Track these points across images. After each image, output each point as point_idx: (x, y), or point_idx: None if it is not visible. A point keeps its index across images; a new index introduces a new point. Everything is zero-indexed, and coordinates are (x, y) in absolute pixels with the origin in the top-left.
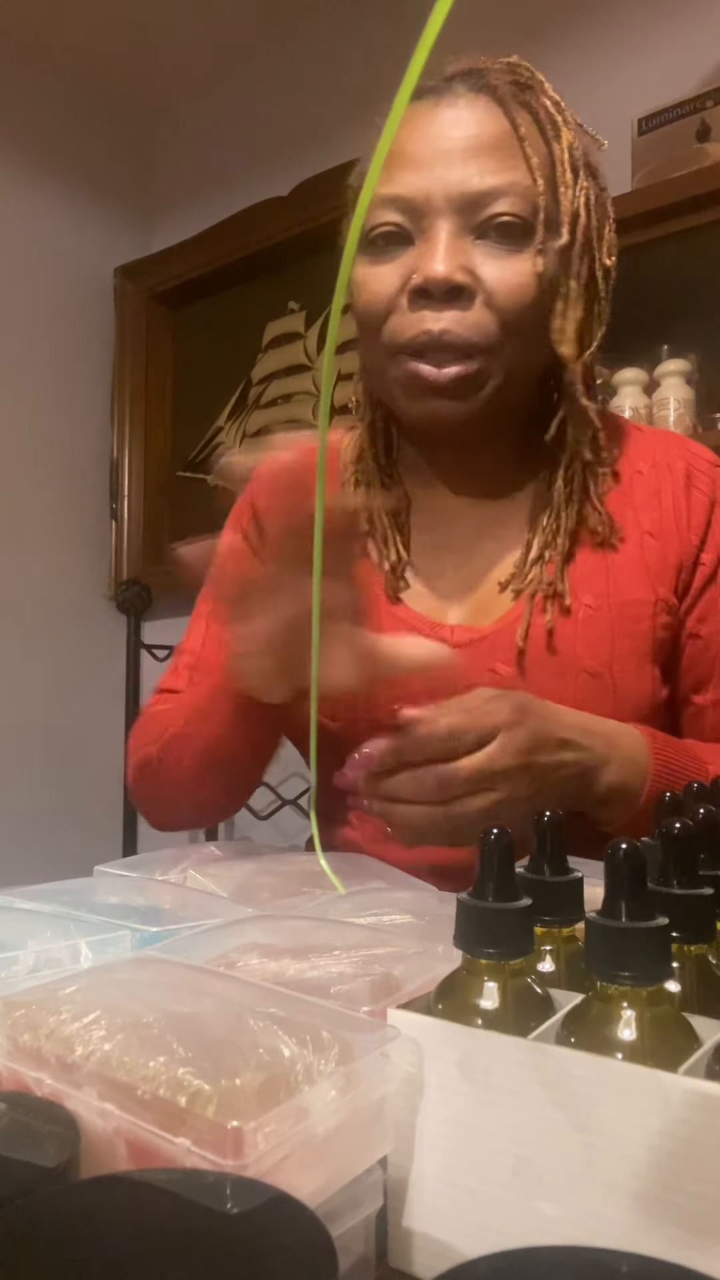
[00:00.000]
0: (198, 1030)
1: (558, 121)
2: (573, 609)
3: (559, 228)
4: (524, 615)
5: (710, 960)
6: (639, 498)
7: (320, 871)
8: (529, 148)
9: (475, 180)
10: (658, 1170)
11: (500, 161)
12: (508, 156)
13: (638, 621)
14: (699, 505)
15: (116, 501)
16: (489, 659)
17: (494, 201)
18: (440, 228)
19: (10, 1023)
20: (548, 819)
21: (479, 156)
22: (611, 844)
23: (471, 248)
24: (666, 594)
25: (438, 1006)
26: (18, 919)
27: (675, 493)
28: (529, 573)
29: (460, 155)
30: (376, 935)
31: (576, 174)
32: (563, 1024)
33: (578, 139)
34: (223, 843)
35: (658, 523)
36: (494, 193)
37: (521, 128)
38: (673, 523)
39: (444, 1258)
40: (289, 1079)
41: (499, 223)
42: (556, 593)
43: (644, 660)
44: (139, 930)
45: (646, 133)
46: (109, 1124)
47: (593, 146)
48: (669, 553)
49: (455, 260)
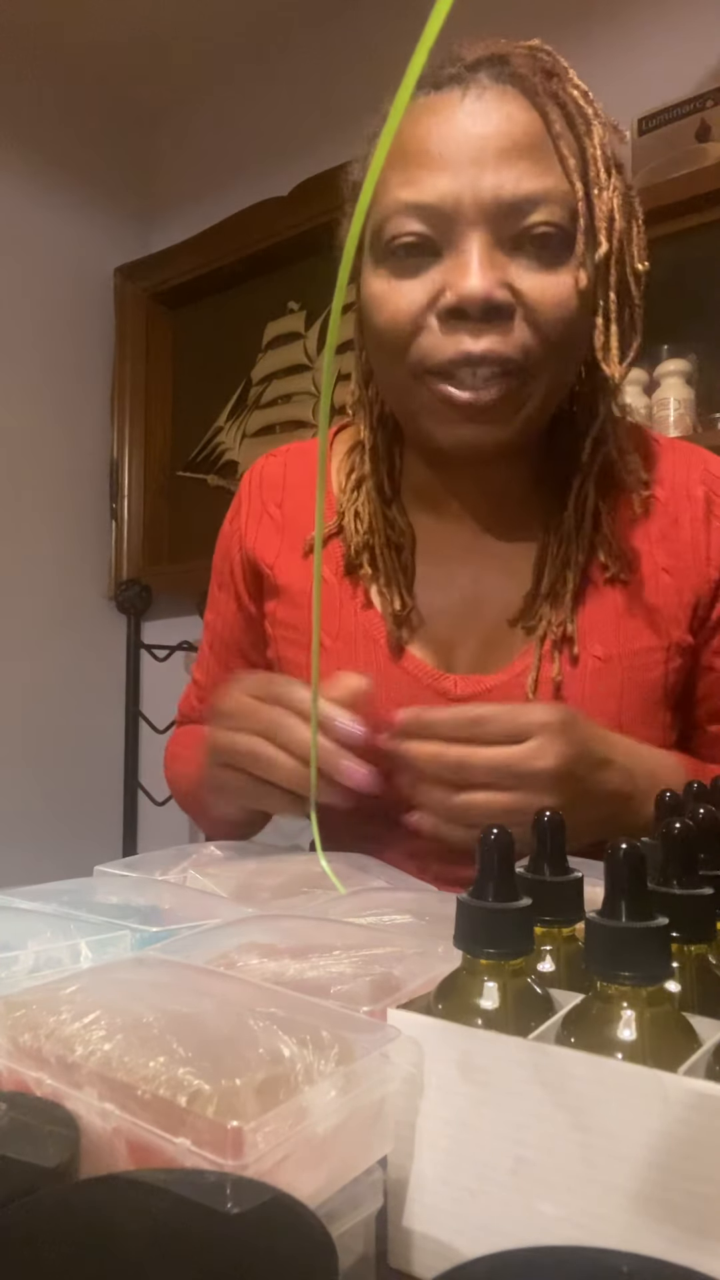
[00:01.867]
0: (198, 1030)
1: (588, 114)
2: (581, 659)
3: (598, 235)
4: (532, 665)
5: (710, 960)
6: (655, 529)
7: (320, 871)
8: (564, 147)
9: (510, 186)
10: (658, 1170)
11: (536, 163)
12: (543, 157)
13: (648, 670)
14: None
15: (116, 501)
16: None
17: (532, 210)
18: (472, 239)
19: (10, 1023)
20: (548, 819)
21: (513, 159)
22: (611, 844)
23: (508, 261)
24: (680, 635)
25: (438, 1006)
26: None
27: (695, 523)
28: (539, 610)
29: (492, 157)
30: (376, 935)
31: (610, 173)
32: (563, 1024)
33: (608, 134)
34: (223, 843)
35: (675, 557)
36: (532, 199)
37: (555, 124)
38: (690, 557)
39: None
40: (289, 1079)
41: (538, 233)
42: (566, 637)
43: (655, 709)
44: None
45: (646, 133)
46: (109, 1124)
47: (617, 139)
48: (685, 589)
49: (493, 275)
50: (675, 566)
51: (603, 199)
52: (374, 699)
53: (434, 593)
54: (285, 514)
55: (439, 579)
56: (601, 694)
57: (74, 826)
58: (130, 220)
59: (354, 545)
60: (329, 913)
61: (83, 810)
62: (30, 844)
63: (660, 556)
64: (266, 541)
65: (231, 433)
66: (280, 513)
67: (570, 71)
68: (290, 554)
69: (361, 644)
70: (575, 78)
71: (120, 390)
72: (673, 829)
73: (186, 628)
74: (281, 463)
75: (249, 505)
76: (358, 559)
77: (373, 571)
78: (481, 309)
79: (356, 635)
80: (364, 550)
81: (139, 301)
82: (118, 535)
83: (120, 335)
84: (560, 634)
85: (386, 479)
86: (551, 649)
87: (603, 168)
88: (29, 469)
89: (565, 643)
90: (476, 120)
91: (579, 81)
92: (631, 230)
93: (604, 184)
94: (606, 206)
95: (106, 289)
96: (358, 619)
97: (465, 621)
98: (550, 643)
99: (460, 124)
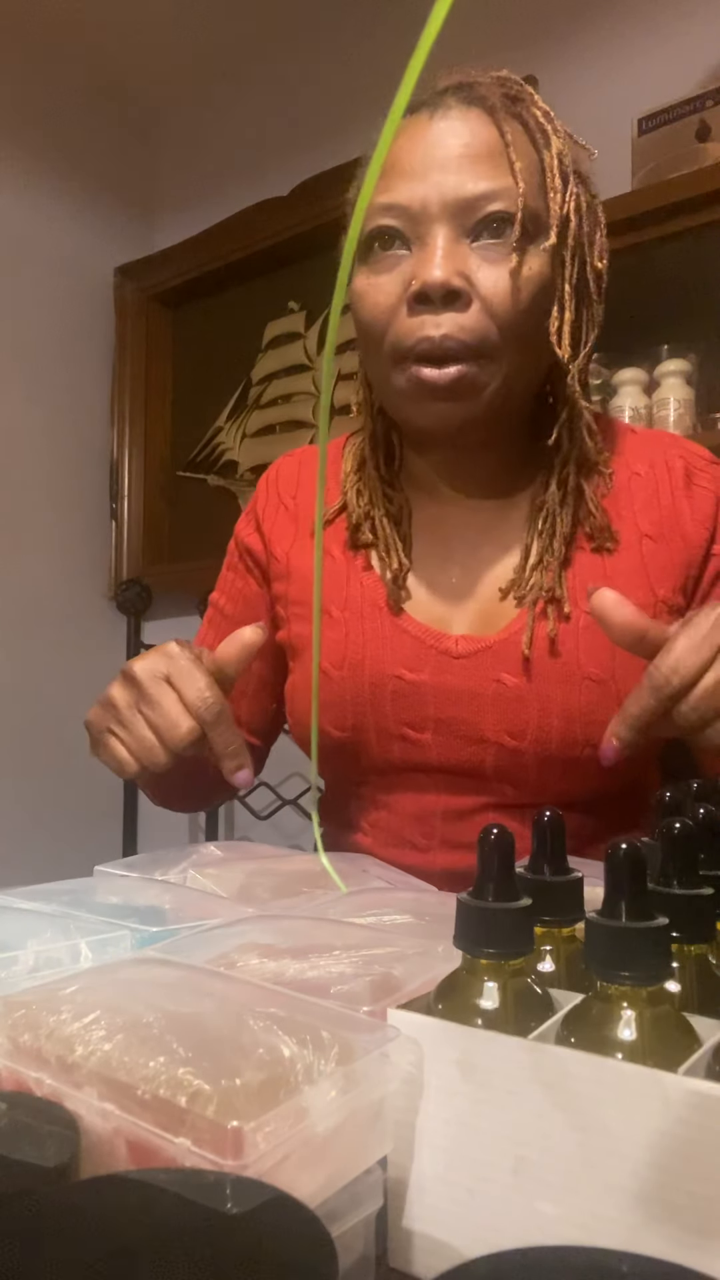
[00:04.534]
0: (198, 1030)
1: (547, 130)
2: (573, 616)
3: (548, 230)
4: (527, 624)
5: (710, 960)
6: (638, 500)
7: (320, 871)
8: (514, 153)
9: (469, 185)
10: (658, 1170)
11: (493, 167)
12: (500, 163)
13: None
14: (704, 500)
15: (116, 501)
16: (494, 669)
17: (487, 204)
18: (437, 233)
19: (10, 1023)
20: (548, 819)
21: (473, 164)
22: (611, 844)
23: (468, 252)
24: (669, 594)
25: (438, 1006)
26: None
27: (675, 492)
28: (529, 578)
29: (455, 163)
30: (376, 935)
31: (566, 180)
32: (563, 1024)
33: (567, 147)
34: (223, 843)
35: (657, 524)
36: (487, 196)
37: (509, 135)
38: (674, 522)
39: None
40: (289, 1079)
41: (493, 225)
42: (555, 598)
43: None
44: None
45: (646, 133)
46: (109, 1124)
47: (583, 155)
48: (672, 552)
49: (451, 265)
50: (659, 533)
51: (556, 200)
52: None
53: (432, 567)
54: (298, 504)
55: (437, 554)
56: (594, 646)
57: (74, 826)
58: (130, 220)
59: (355, 517)
60: (329, 913)
61: (83, 810)
62: (30, 844)
63: (644, 524)
64: (282, 529)
65: (231, 433)
66: (294, 503)
67: (536, 97)
68: (303, 539)
69: (366, 611)
70: (540, 101)
71: (120, 390)
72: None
73: (186, 628)
74: (297, 461)
75: (266, 496)
76: (359, 530)
77: (372, 538)
78: (440, 294)
79: (362, 603)
80: (364, 520)
81: (139, 301)
82: (118, 535)
83: (120, 335)
84: (550, 596)
85: (384, 462)
86: (544, 609)
87: (558, 174)
88: (29, 469)
89: (555, 604)
90: (443, 134)
91: (543, 105)
92: (594, 233)
93: (558, 188)
94: (561, 207)
95: (106, 289)
96: (361, 587)
97: (462, 592)
98: (542, 604)
99: (427, 138)
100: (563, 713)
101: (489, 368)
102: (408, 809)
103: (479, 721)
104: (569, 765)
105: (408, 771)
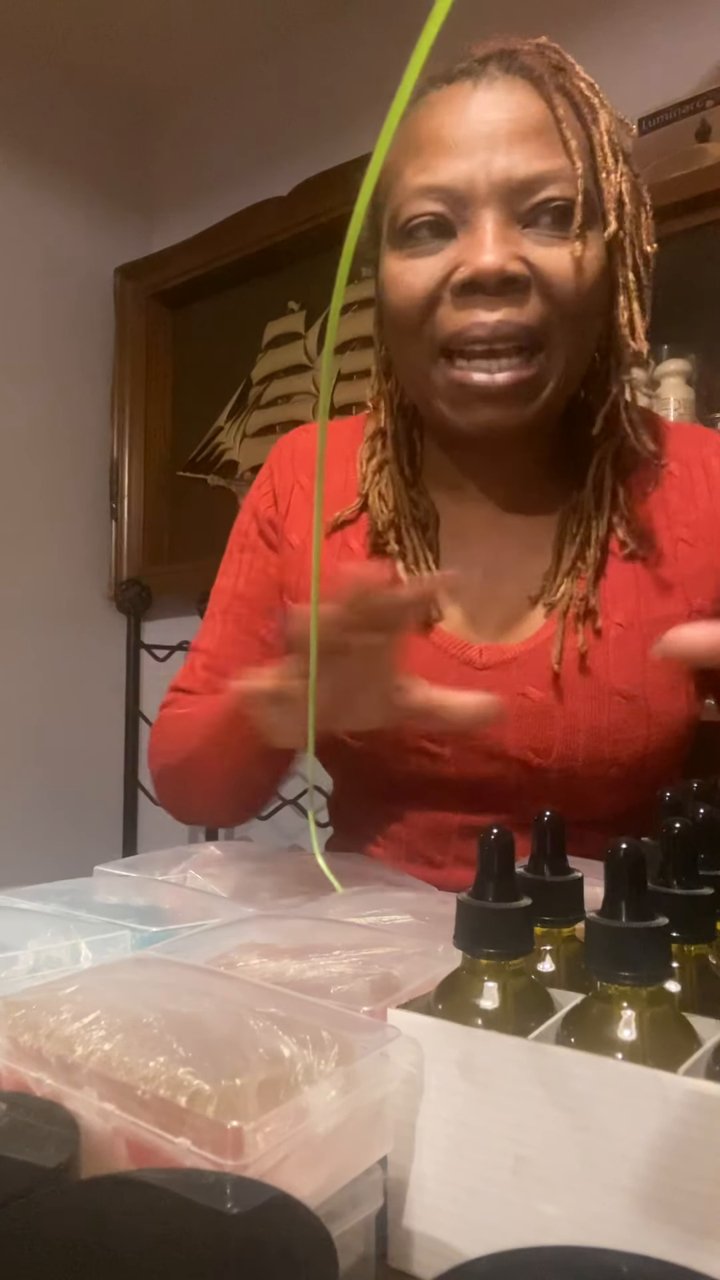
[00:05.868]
0: (198, 1030)
1: (594, 104)
2: (604, 629)
3: (605, 214)
4: (556, 635)
5: (710, 960)
6: (672, 503)
7: (320, 871)
8: (569, 132)
9: (522, 166)
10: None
11: (545, 146)
12: (551, 141)
13: None
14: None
15: (116, 501)
16: (520, 682)
17: (542, 187)
18: (486, 217)
19: (10, 1023)
20: (548, 819)
21: (523, 141)
22: (611, 844)
23: (520, 236)
24: (703, 603)
25: (438, 1006)
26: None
27: (711, 494)
28: (560, 586)
29: (503, 140)
30: (376, 935)
31: (617, 159)
32: (563, 1024)
33: (614, 123)
34: (223, 843)
35: (692, 528)
36: (542, 178)
37: (560, 111)
38: (708, 527)
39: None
40: (289, 1079)
41: (550, 208)
42: (589, 610)
43: (678, 678)
44: (139, 930)
45: (646, 133)
46: (109, 1124)
47: (624, 132)
48: (705, 557)
49: (507, 249)
50: (693, 537)
51: (610, 181)
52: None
53: (457, 570)
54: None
55: (462, 557)
56: (625, 661)
57: (74, 826)
58: (131, 220)
59: (380, 522)
60: (329, 913)
61: (83, 810)
62: (30, 844)
63: (678, 529)
64: (298, 512)
65: (231, 433)
66: (311, 484)
67: (577, 66)
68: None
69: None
70: (582, 71)
71: (120, 390)
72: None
73: (186, 628)
74: (313, 437)
75: (280, 474)
76: (384, 537)
77: (399, 548)
78: (496, 281)
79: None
80: (390, 528)
81: (139, 301)
82: (118, 535)
83: (120, 335)
84: (583, 608)
85: (407, 464)
86: (575, 620)
87: (609, 153)
88: (29, 469)
89: (588, 615)
90: (487, 108)
91: (586, 75)
92: (640, 215)
93: (611, 168)
94: (614, 189)
95: (107, 289)
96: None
97: (488, 597)
98: (573, 614)
99: (472, 111)
100: (590, 730)
101: (548, 365)
102: (423, 823)
103: (501, 737)
104: (594, 783)
105: (424, 785)
